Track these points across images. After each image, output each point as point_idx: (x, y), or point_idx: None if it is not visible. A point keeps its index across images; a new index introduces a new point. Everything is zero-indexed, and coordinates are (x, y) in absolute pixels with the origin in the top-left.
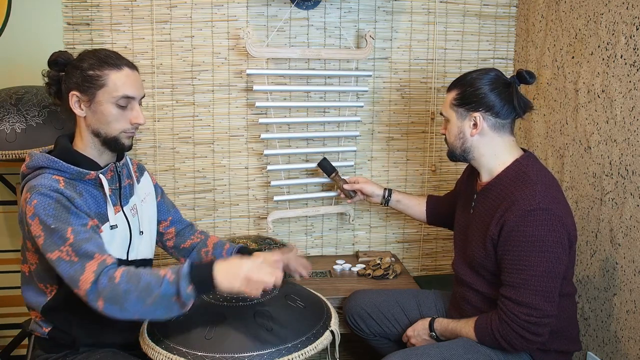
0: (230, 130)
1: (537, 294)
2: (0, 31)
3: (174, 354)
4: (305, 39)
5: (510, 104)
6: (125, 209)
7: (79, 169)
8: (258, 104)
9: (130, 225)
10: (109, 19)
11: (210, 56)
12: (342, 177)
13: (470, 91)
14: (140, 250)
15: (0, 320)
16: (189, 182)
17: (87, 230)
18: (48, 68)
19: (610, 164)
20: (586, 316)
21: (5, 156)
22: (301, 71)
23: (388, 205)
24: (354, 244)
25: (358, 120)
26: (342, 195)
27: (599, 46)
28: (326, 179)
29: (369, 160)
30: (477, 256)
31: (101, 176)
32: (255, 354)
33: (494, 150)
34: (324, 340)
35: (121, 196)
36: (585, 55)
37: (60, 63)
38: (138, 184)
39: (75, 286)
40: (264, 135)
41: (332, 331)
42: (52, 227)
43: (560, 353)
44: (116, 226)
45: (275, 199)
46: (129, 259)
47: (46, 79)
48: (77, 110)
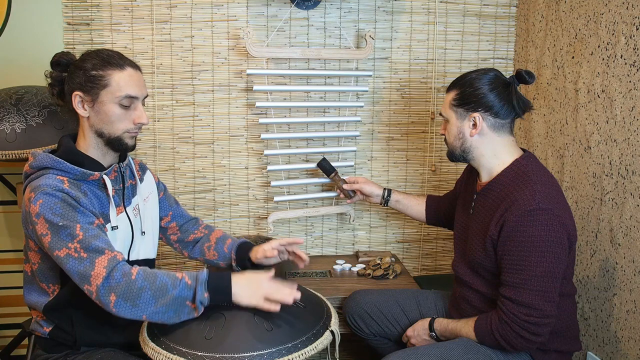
0: (230, 130)
1: (537, 294)
2: (0, 31)
3: (174, 354)
4: (305, 39)
5: (510, 104)
6: (127, 209)
7: (82, 169)
8: (258, 104)
9: (133, 225)
10: (109, 19)
11: (210, 56)
12: (342, 177)
13: (470, 91)
14: (142, 250)
15: (0, 320)
16: (189, 182)
17: (95, 228)
18: (50, 69)
19: (610, 164)
20: (586, 316)
21: (5, 156)
22: (301, 71)
23: (387, 205)
24: (354, 244)
25: (358, 120)
26: (342, 196)
27: (599, 46)
28: (326, 179)
29: (369, 160)
30: (477, 256)
31: (105, 177)
32: (255, 354)
33: (494, 151)
34: (324, 340)
35: (124, 197)
36: (585, 55)
37: (62, 64)
38: (141, 184)
39: (87, 282)
40: (264, 135)
41: (332, 331)
42: (60, 225)
43: (560, 353)
44: (117, 227)
45: (276, 199)
46: (129, 259)
47: (49, 80)
48: (81, 111)
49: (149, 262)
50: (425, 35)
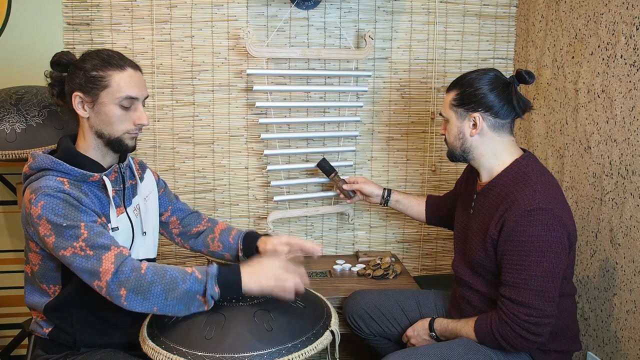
0: (230, 130)
1: (537, 294)
2: (0, 31)
3: (174, 354)
4: (305, 39)
5: (510, 104)
6: (128, 209)
7: (82, 171)
8: (258, 104)
9: (133, 226)
10: (109, 19)
11: (210, 56)
12: (342, 178)
13: (470, 91)
14: (142, 250)
15: (0, 320)
16: (189, 182)
17: (98, 226)
18: (50, 68)
19: (610, 164)
20: (586, 316)
21: (5, 156)
22: (301, 71)
23: (387, 206)
24: (354, 244)
25: (358, 120)
26: (342, 196)
27: (599, 46)
28: (326, 179)
29: (369, 160)
30: (477, 256)
31: (105, 178)
32: (255, 354)
33: (494, 151)
34: (324, 340)
35: (124, 197)
36: (585, 55)
37: (63, 64)
38: (141, 183)
39: (97, 278)
40: (264, 135)
41: (332, 331)
42: (64, 226)
43: (560, 353)
44: (117, 228)
45: (275, 199)
46: None
47: (49, 80)
48: (80, 111)
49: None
50: (425, 35)
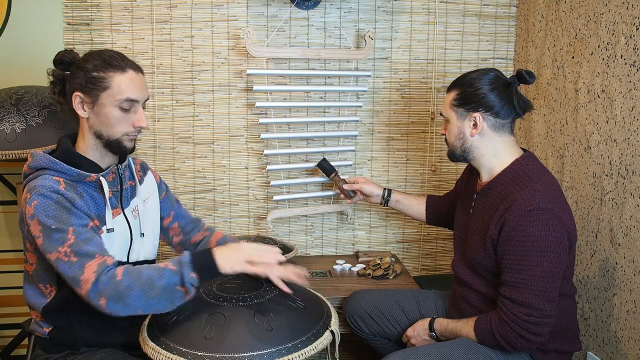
0: (230, 130)
1: (537, 293)
2: (0, 31)
3: (174, 354)
4: (305, 39)
5: (510, 104)
6: (126, 211)
7: (79, 171)
8: (258, 104)
9: (131, 227)
10: (109, 19)
11: (210, 56)
12: (342, 178)
13: (470, 91)
14: (142, 252)
15: (0, 320)
16: (189, 182)
17: (88, 231)
18: (53, 67)
19: (610, 164)
20: (586, 316)
21: (5, 156)
22: (301, 71)
23: (387, 206)
24: (354, 244)
25: (358, 120)
26: (342, 196)
27: (599, 46)
28: (326, 179)
29: (368, 160)
30: (477, 256)
31: (102, 179)
32: (255, 354)
33: (494, 150)
34: (324, 340)
35: (122, 198)
36: (585, 55)
37: (65, 62)
38: (141, 185)
39: (77, 286)
40: (264, 135)
41: (332, 331)
42: (53, 228)
43: (560, 353)
44: (113, 230)
45: (275, 198)
46: (129, 261)
47: (51, 78)
48: (80, 112)
49: (148, 264)
50: (425, 35)
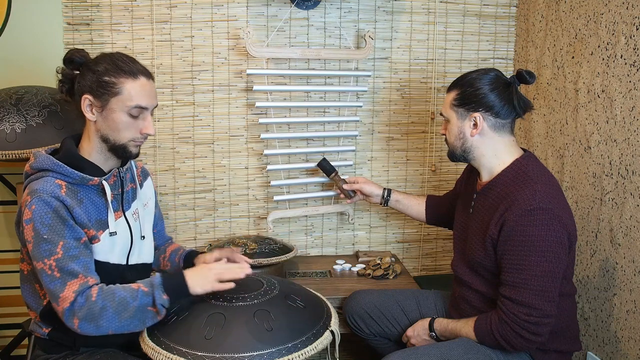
0: (230, 130)
1: (537, 293)
2: (0, 31)
3: (174, 354)
4: (305, 39)
5: (510, 104)
6: (127, 213)
7: (82, 174)
8: (258, 104)
9: (132, 229)
10: (109, 19)
11: (210, 56)
12: (342, 177)
13: (470, 91)
14: (142, 254)
15: (0, 320)
16: (189, 182)
17: (79, 246)
18: (62, 65)
19: (610, 164)
20: (586, 316)
21: (5, 156)
22: (301, 71)
23: (387, 205)
24: (354, 244)
25: (358, 120)
26: (342, 196)
27: (599, 46)
28: (326, 179)
29: (369, 160)
30: (477, 256)
31: (104, 183)
32: (255, 354)
33: (494, 150)
34: (324, 340)
35: (123, 201)
36: (585, 55)
37: (75, 61)
38: (141, 189)
39: (55, 301)
40: (264, 135)
41: (332, 331)
42: (45, 238)
43: (560, 353)
44: (115, 233)
45: (275, 198)
46: (129, 263)
47: (59, 76)
48: (89, 115)
49: (147, 267)
50: (425, 35)
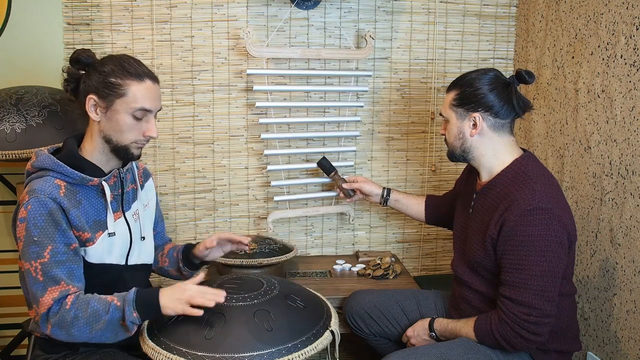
0: (230, 130)
1: (537, 293)
2: (0, 31)
3: (174, 354)
4: (305, 39)
5: (510, 103)
6: (127, 214)
7: (82, 175)
8: (258, 104)
9: (132, 230)
10: (109, 19)
11: (210, 56)
12: (342, 177)
13: (470, 91)
14: (142, 255)
15: (0, 320)
16: (189, 182)
17: (67, 252)
18: (69, 65)
19: (610, 164)
20: (586, 316)
21: (5, 156)
22: (301, 71)
23: (387, 205)
24: (354, 244)
25: (358, 120)
26: (342, 195)
27: (599, 46)
28: (326, 179)
29: (369, 160)
30: (477, 256)
31: (104, 184)
32: (255, 354)
33: (494, 150)
34: (324, 340)
35: (123, 201)
36: (585, 55)
37: (82, 61)
38: (142, 190)
39: (34, 302)
40: (264, 135)
41: (332, 331)
42: (35, 240)
43: (560, 353)
44: (114, 234)
45: (276, 199)
46: (128, 263)
47: (65, 75)
48: (93, 115)
49: (146, 268)
50: (425, 35)
